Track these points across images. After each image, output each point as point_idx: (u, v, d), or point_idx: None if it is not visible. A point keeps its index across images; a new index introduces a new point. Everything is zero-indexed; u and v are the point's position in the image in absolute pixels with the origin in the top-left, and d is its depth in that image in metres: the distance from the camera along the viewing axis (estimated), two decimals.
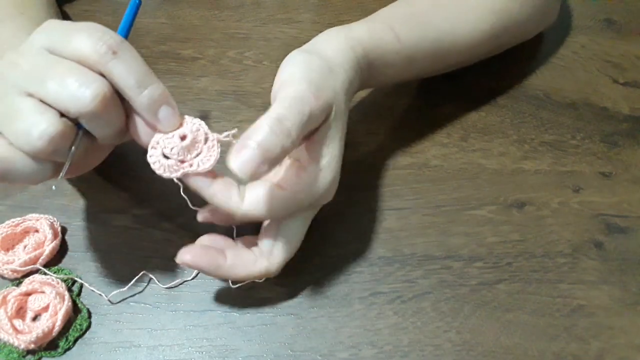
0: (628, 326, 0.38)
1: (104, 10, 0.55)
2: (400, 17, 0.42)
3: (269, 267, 0.34)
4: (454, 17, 0.44)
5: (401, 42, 0.40)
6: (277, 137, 0.29)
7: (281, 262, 0.35)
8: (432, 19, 0.43)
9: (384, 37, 0.40)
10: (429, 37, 0.42)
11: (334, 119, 0.33)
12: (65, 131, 0.29)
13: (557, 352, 0.36)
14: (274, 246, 0.34)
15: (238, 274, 0.34)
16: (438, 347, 0.36)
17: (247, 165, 0.28)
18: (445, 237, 0.41)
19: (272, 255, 0.34)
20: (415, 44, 0.41)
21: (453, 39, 0.44)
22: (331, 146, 0.33)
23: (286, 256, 0.35)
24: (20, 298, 0.35)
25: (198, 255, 0.33)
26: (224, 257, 0.34)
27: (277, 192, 0.32)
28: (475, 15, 0.45)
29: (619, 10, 0.60)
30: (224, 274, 0.34)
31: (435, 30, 0.43)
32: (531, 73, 0.53)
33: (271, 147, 0.29)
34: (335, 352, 0.36)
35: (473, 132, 0.48)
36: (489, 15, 0.46)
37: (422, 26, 0.42)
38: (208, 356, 0.35)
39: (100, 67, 0.29)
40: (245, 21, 0.55)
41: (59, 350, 0.35)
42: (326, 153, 0.33)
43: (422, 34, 0.42)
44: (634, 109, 0.51)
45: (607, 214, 0.44)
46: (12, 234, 0.39)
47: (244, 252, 0.35)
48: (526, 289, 0.39)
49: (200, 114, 0.47)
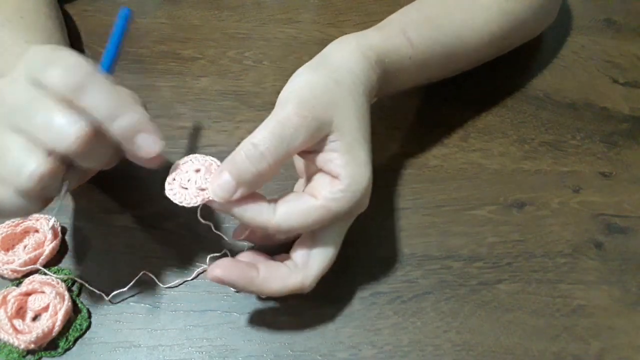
0: (628, 326, 0.38)
1: (104, 10, 0.55)
2: (411, 22, 0.42)
3: (304, 280, 0.33)
4: (464, 20, 0.44)
5: (414, 46, 0.40)
6: (250, 161, 0.30)
7: (317, 275, 0.34)
8: (443, 23, 0.43)
9: (396, 42, 0.40)
10: (441, 40, 0.43)
11: (338, 128, 0.33)
12: (54, 169, 0.28)
13: (557, 352, 0.36)
14: (309, 258, 0.33)
15: (272, 288, 0.33)
16: (438, 347, 0.36)
17: (221, 189, 0.31)
18: (445, 237, 0.41)
19: (308, 268, 0.33)
20: (428, 48, 0.41)
21: (464, 42, 0.44)
22: (351, 154, 0.33)
23: (322, 268, 0.34)
24: (20, 298, 0.35)
25: (229, 269, 0.32)
26: (257, 270, 0.33)
27: (309, 202, 0.32)
28: (484, 17, 0.45)
29: (619, 10, 0.60)
30: (258, 288, 0.33)
31: (447, 34, 0.43)
32: (531, 73, 0.53)
33: (244, 171, 0.30)
34: (335, 352, 0.36)
35: (473, 132, 0.48)
36: (497, 17, 0.46)
37: (433, 30, 0.42)
38: (208, 356, 0.35)
39: (75, 102, 0.28)
40: (245, 21, 0.55)
41: (59, 350, 0.35)
42: (349, 161, 0.32)
43: (434, 38, 0.42)
44: (634, 109, 0.51)
45: (607, 214, 0.44)
46: (12, 234, 0.39)
47: (278, 266, 0.34)
48: (526, 289, 0.39)
49: (194, 124, 0.47)
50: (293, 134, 0.31)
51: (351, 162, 0.32)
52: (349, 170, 0.32)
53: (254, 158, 0.30)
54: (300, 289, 0.33)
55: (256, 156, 0.30)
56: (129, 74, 0.49)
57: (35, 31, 0.43)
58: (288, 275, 0.33)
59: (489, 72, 0.51)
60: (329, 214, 0.32)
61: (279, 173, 0.32)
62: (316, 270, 0.34)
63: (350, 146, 0.33)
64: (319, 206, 0.32)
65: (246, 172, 0.30)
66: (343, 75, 0.35)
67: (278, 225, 0.31)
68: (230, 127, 0.47)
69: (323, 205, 0.32)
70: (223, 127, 0.47)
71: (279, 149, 0.31)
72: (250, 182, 0.31)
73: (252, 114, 0.48)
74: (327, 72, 0.35)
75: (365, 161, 0.33)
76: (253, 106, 0.48)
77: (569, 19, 0.59)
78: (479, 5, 0.45)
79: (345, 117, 0.33)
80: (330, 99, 0.33)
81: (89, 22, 0.53)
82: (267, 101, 0.48)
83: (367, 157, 0.33)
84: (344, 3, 0.58)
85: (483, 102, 0.50)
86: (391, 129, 0.48)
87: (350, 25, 0.56)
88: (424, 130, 0.48)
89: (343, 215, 0.33)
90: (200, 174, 0.33)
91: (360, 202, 0.33)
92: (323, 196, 0.32)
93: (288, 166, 0.44)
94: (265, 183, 0.31)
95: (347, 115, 0.33)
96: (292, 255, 0.34)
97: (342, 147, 0.32)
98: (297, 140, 0.31)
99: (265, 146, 0.30)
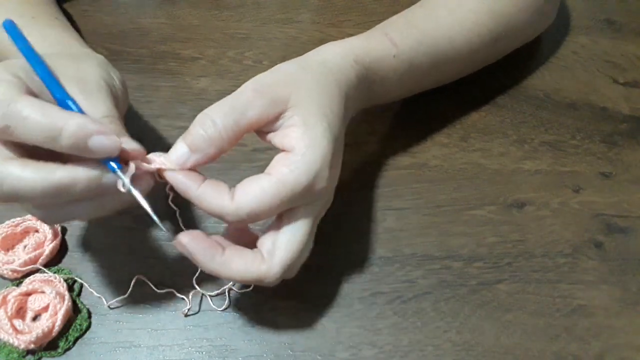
0: (628, 326, 0.38)
1: (104, 10, 0.55)
2: (393, 24, 0.43)
3: (268, 269, 0.32)
4: (450, 22, 0.44)
5: (397, 46, 0.40)
6: (201, 127, 0.31)
7: (282, 266, 0.32)
8: (427, 25, 0.43)
9: (377, 42, 0.40)
10: (426, 41, 0.42)
11: (295, 104, 0.33)
12: None
13: (557, 352, 0.36)
14: (274, 247, 0.32)
15: (232, 270, 0.32)
16: (438, 347, 0.36)
17: (175, 155, 0.31)
18: (445, 237, 0.41)
19: (273, 257, 0.32)
20: (412, 49, 0.41)
21: (452, 45, 0.44)
22: (307, 126, 0.32)
23: (288, 259, 0.32)
24: (20, 298, 0.35)
25: (195, 241, 0.31)
26: (222, 250, 0.32)
27: (264, 180, 0.31)
28: (473, 20, 0.45)
29: (619, 10, 0.60)
30: (218, 267, 0.31)
31: (432, 35, 0.43)
32: (531, 73, 0.53)
33: (196, 137, 0.31)
34: (335, 352, 0.36)
35: (473, 132, 0.48)
36: (487, 20, 0.45)
37: (417, 32, 0.42)
38: (208, 356, 0.35)
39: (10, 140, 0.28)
40: (245, 21, 0.55)
41: (59, 350, 0.35)
42: (305, 132, 0.32)
43: (418, 39, 0.42)
44: (634, 109, 0.51)
45: (607, 214, 0.44)
46: (12, 234, 0.39)
47: (244, 251, 0.32)
48: (526, 289, 0.39)
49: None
50: (245, 105, 0.32)
51: (307, 133, 0.32)
52: (305, 141, 0.32)
53: (204, 124, 0.31)
54: (264, 277, 0.32)
55: (207, 123, 0.31)
56: (129, 74, 0.49)
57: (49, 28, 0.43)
58: (252, 261, 0.32)
59: (489, 72, 0.51)
60: (285, 188, 0.31)
61: (233, 145, 0.32)
62: (281, 261, 0.32)
63: (306, 119, 0.33)
64: (275, 181, 0.31)
65: (198, 137, 0.31)
66: (311, 64, 0.36)
67: (236, 209, 0.31)
68: None
69: (278, 180, 0.31)
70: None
71: (229, 116, 0.31)
72: (202, 148, 0.31)
73: None
74: (296, 61, 0.36)
75: (323, 133, 0.33)
76: None
77: (569, 19, 0.59)
78: (467, 8, 0.45)
79: (303, 95, 0.33)
80: (289, 79, 0.34)
81: (89, 22, 0.53)
82: None
83: (326, 130, 0.33)
84: (344, 3, 0.58)
85: (483, 102, 0.50)
86: (391, 129, 0.48)
87: (350, 26, 0.56)
88: (424, 131, 0.48)
89: (302, 192, 0.31)
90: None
91: (319, 175, 0.32)
92: (277, 170, 0.31)
93: None
94: (221, 154, 0.32)
95: (306, 93, 0.34)
96: (259, 245, 0.33)
97: (298, 121, 0.33)
98: (250, 112, 0.32)
99: (217, 114, 0.31)
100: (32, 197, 0.28)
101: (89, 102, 0.31)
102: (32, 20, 0.42)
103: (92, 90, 0.32)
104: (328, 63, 0.36)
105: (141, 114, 0.47)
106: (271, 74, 0.34)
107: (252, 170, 0.43)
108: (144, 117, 0.47)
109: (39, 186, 0.27)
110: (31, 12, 0.43)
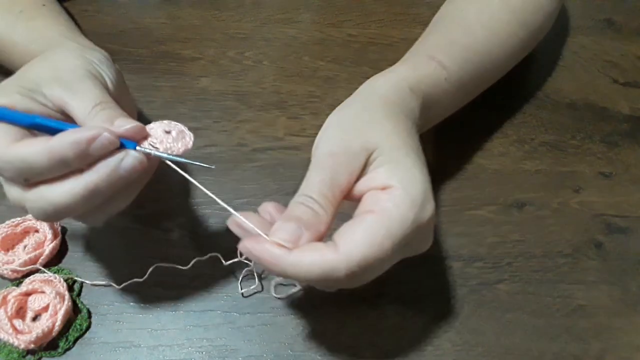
0: (628, 326, 0.38)
1: (104, 10, 0.55)
2: (436, 46, 0.42)
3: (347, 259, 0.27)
4: (488, 37, 0.44)
5: (447, 68, 0.40)
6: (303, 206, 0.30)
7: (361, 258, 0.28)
8: (469, 42, 0.43)
9: (428, 68, 0.39)
10: (472, 59, 0.42)
11: (377, 146, 0.31)
12: None
13: (557, 352, 0.36)
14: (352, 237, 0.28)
15: (302, 263, 0.27)
16: (438, 347, 0.36)
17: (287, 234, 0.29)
18: (445, 237, 0.41)
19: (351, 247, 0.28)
20: (461, 68, 0.41)
21: (492, 58, 0.44)
22: (398, 162, 0.31)
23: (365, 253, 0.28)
24: (20, 298, 0.35)
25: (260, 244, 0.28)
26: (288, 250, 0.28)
27: (368, 219, 0.28)
28: (507, 32, 0.45)
29: (619, 10, 0.60)
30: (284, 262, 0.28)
31: (476, 51, 0.43)
32: (531, 73, 0.53)
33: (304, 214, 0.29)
34: (335, 352, 0.36)
35: (473, 132, 0.48)
36: (518, 30, 0.46)
37: (462, 50, 0.42)
38: (208, 356, 0.35)
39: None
40: (245, 21, 0.55)
41: (59, 350, 0.35)
42: (397, 168, 0.31)
43: (465, 57, 0.42)
44: (634, 109, 0.51)
45: (607, 214, 0.44)
46: (12, 234, 0.39)
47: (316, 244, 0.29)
48: (526, 289, 0.39)
49: (194, 124, 0.47)
50: (334, 174, 0.30)
51: (400, 168, 0.31)
52: (400, 175, 0.30)
53: (306, 201, 0.30)
54: (339, 270, 0.28)
55: (309, 201, 0.30)
56: (129, 74, 0.49)
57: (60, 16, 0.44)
58: (326, 248, 0.28)
59: None
60: (394, 224, 0.28)
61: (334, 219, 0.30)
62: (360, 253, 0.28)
63: (391, 156, 0.31)
64: (380, 218, 0.28)
65: (306, 214, 0.29)
66: (373, 102, 0.34)
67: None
68: (230, 127, 0.47)
69: (384, 216, 0.28)
70: (223, 127, 0.47)
71: (324, 189, 0.30)
72: (312, 223, 0.29)
73: (252, 114, 0.48)
74: (355, 105, 0.34)
75: (414, 164, 0.31)
76: (253, 106, 0.48)
77: (569, 19, 0.59)
78: (499, 20, 0.45)
79: (380, 135, 0.32)
80: (360, 126, 0.32)
81: (89, 22, 0.53)
82: (266, 101, 0.48)
83: (415, 161, 0.31)
84: (344, 3, 0.58)
85: (483, 102, 0.50)
86: None
87: (350, 26, 0.55)
88: (423, 131, 0.48)
89: (413, 227, 0.29)
90: (171, 136, 0.31)
91: (425, 207, 0.29)
92: (381, 206, 0.29)
93: (288, 166, 0.44)
94: (326, 234, 0.30)
95: (382, 133, 0.32)
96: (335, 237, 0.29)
97: (384, 160, 0.31)
98: (341, 177, 0.30)
99: (313, 192, 0.30)
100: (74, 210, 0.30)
101: (76, 97, 0.31)
102: (20, 14, 0.42)
103: (73, 85, 0.31)
104: (388, 96, 0.35)
105: (141, 114, 0.47)
106: (337, 126, 0.33)
107: (252, 170, 0.44)
108: (144, 117, 0.47)
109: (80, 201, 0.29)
110: (19, 6, 0.43)
